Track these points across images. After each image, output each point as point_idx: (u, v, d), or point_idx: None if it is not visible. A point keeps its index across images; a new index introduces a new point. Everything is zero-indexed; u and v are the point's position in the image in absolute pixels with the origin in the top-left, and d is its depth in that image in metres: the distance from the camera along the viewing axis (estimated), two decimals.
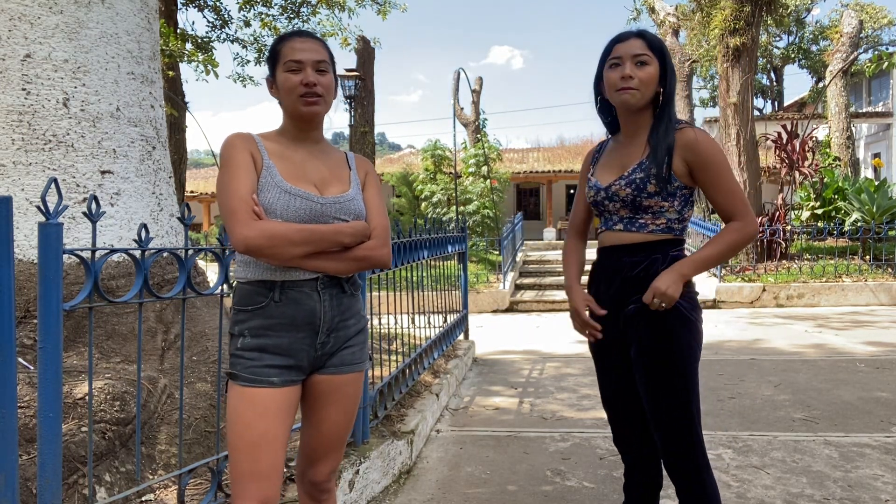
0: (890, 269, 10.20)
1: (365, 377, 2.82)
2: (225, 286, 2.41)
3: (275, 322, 1.69)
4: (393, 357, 4.19)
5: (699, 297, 2.02)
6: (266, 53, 2.11)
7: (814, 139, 13.39)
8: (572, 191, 26.52)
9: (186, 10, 11.27)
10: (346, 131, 13.80)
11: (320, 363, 1.77)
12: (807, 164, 12.29)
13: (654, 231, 1.96)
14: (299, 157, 1.77)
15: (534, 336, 7.71)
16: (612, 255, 2.03)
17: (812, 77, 28.38)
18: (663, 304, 1.88)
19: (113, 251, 1.95)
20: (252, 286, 1.71)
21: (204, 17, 11.75)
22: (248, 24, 11.95)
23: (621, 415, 2.14)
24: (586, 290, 2.12)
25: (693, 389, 1.94)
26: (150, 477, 2.46)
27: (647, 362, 1.94)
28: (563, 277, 11.71)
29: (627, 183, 1.95)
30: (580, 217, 2.22)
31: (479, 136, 18.41)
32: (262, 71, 13.31)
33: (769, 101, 31.37)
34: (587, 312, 2.06)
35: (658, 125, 1.94)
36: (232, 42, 12.18)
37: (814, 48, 27.88)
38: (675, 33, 16.69)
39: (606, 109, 2.11)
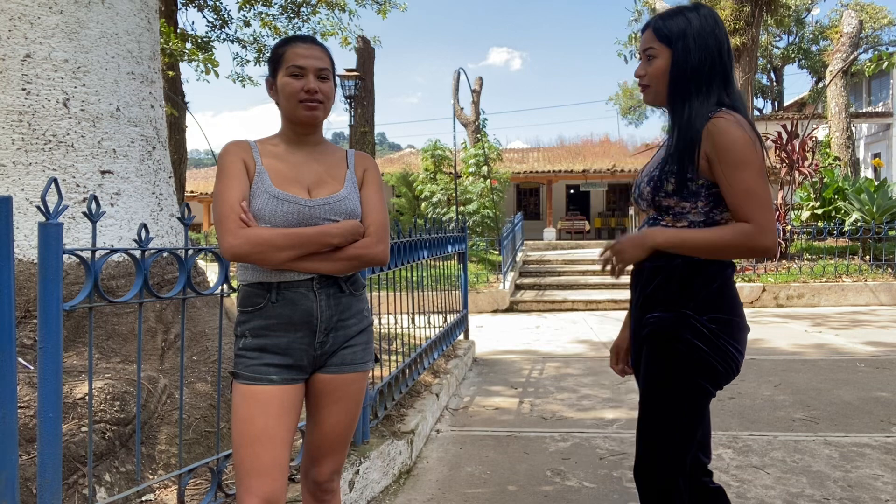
0: (890, 269, 10.20)
1: None
2: (225, 286, 2.41)
3: (273, 322, 1.71)
4: (393, 357, 4.19)
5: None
6: (266, 53, 2.11)
7: (814, 139, 13.38)
8: (573, 191, 26.50)
9: (186, 10, 11.26)
10: (346, 131, 13.81)
11: (321, 362, 1.78)
12: (807, 164, 12.28)
13: None
14: (295, 161, 1.78)
15: (534, 336, 7.71)
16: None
17: (812, 77, 28.38)
18: (614, 259, 1.77)
19: (113, 251, 1.95)
20: (251, 288, 1.74)
21: (204, 17, 11.73)
22: (248, 24, 11.93)
23: None
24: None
25: (677, 420, 1.72)
26: (150, 477, 2.47)
27: (645, 379, 1.80)
28: (563, 278, 11.56)
29: (649, 180, 1.77)
30: None
31: (479, 136, 18.39)
32: (262, 71, 13.29)
33: (769, 101, 31.38)
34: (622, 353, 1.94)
35: (675, 117, 1.73)
36: (232, 42, 12.16)
37: (814, 48, 27.87)
38: None
39: None
